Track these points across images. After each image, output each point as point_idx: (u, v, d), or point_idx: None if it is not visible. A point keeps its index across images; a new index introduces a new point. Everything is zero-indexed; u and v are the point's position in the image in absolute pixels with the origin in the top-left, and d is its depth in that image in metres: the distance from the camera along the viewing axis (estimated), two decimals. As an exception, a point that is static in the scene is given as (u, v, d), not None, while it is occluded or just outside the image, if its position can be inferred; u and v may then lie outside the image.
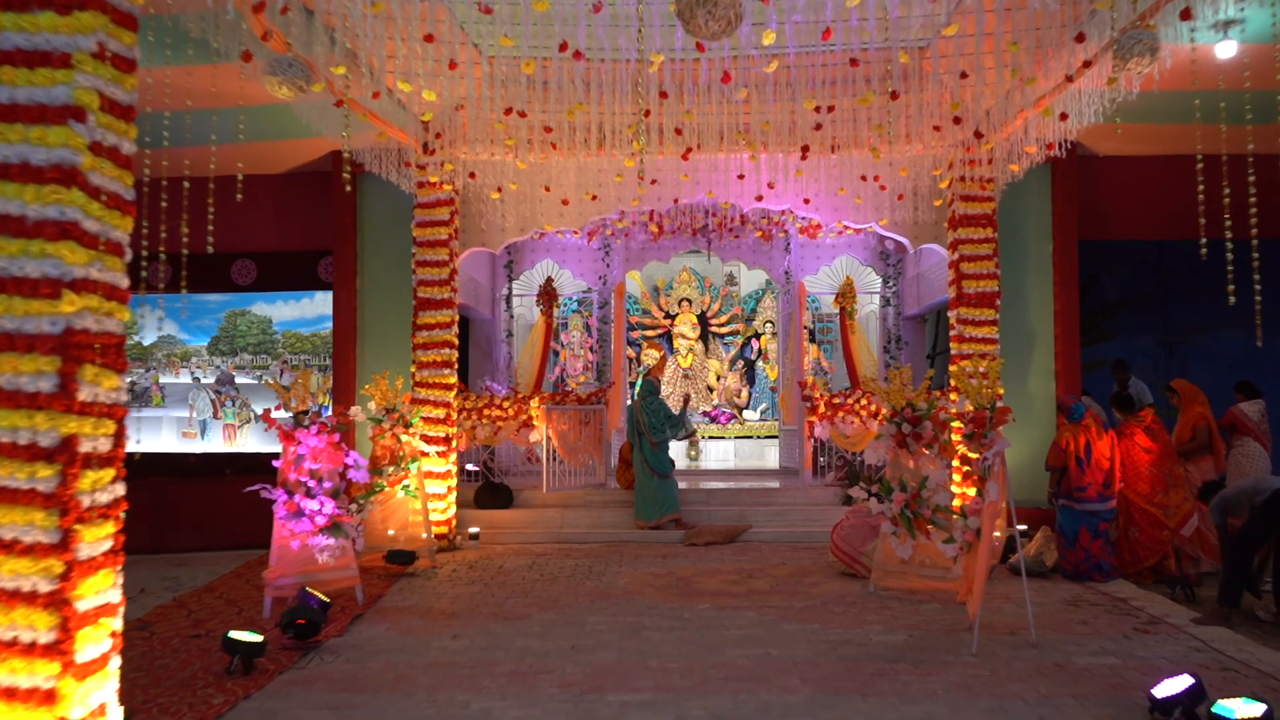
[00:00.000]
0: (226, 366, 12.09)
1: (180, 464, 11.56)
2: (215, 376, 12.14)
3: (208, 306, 11.99)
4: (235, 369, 12.03)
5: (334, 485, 7.15)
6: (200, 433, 11.98)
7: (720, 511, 10.16)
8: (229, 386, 12.16)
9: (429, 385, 9.60)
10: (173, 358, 12.18)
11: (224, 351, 12.07)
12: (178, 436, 11.94)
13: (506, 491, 10.35)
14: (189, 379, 11.99)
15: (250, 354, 12.00)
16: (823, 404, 10.26)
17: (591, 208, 10.47)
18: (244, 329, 12.05)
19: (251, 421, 11.91)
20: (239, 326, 12.08)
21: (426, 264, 9.66)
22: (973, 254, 9.54)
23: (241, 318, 12.04)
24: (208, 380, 12.08)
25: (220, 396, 12.18)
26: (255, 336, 12.07)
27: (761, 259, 13.25)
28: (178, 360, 12.16)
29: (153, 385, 12.10)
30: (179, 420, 12.12)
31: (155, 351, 12.11)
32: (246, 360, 12.03)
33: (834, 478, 10.73)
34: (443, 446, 9.55)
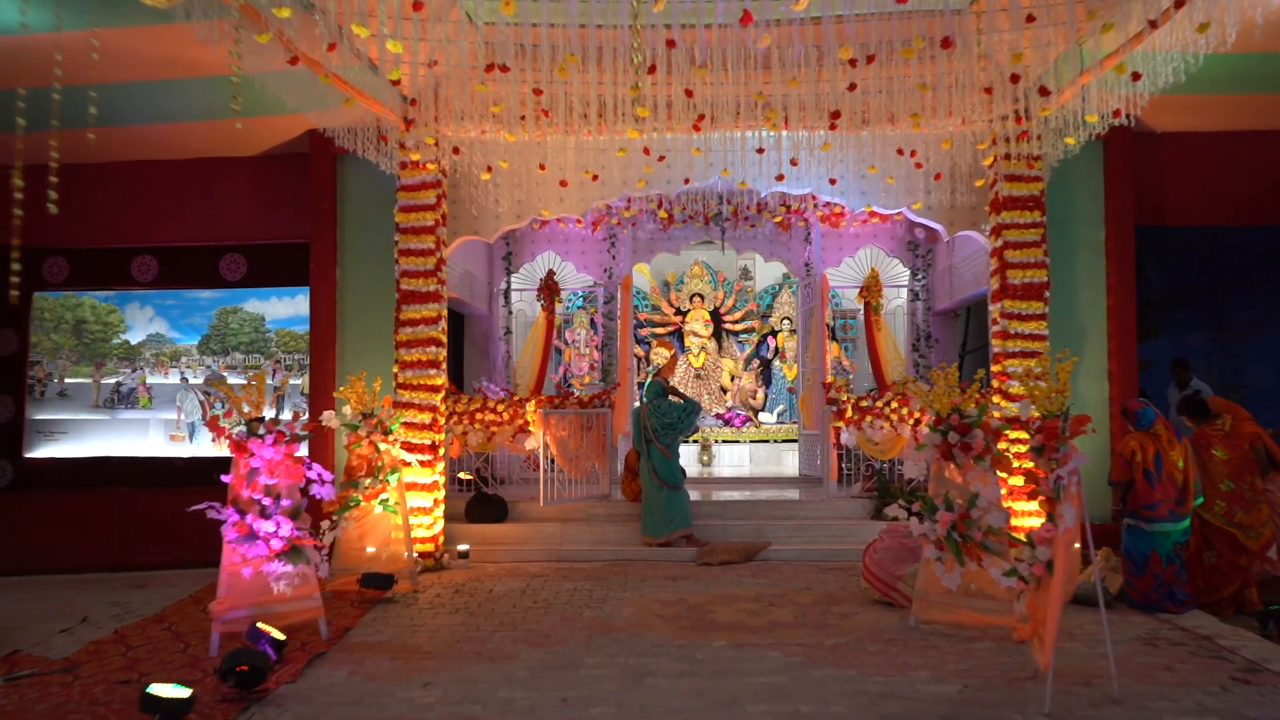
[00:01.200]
0: (218, 366, 11.44)
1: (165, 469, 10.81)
2: (204, 377, 11.46)
3: (198, 304, 11.33)
4: (227, 369, 11.36)
5: (293, 504, 6.22)
6: (189, 436, 11.27)
7: (736, 526, 9.20)
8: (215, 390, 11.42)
9: (413, 387, 8.67)
10: (161, 357, 11.49)
11: (215, 351, 11.42)
12: (165, 440, 11.23)
13: (500, 504, 9.41)
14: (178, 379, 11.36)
15: (242, 353, 11.35)
16: (850, 407, 9.27)
17: (594, 191, 9.52)
18: (235, 327, 11.39)
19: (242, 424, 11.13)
20: (230, 325, 11.43)
21: (410, 253, 8.72)
22: (1018, 240, 8.56)
23: (233, 315, 11.37)
24: (196, 381, 11.40)
25: (209, 398, 11.47)
26: (247, 335, 11.41)
27: (780, 250, 12.27)
28: (167, 360, 11.47)
29: (140, 386, 11.40)
30: (167, 423, 11.40)
31: (143, 351, 11.44)
32: (239, 360, 11.41)
33: (861, 488, 9.74)
34: (428, 455, 8.61)
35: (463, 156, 8.96)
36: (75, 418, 11.14)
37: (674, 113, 8.35)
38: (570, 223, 12.14)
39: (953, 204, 9.28)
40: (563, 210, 9.61)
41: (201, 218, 10.12)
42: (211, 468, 10.73)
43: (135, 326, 11.28)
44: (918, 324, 12.08)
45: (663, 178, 9.51)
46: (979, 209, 9.27)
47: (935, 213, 9.39)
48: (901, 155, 8.52)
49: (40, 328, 11.13)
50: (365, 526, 7.78)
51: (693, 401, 9.30)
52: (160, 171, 10.08)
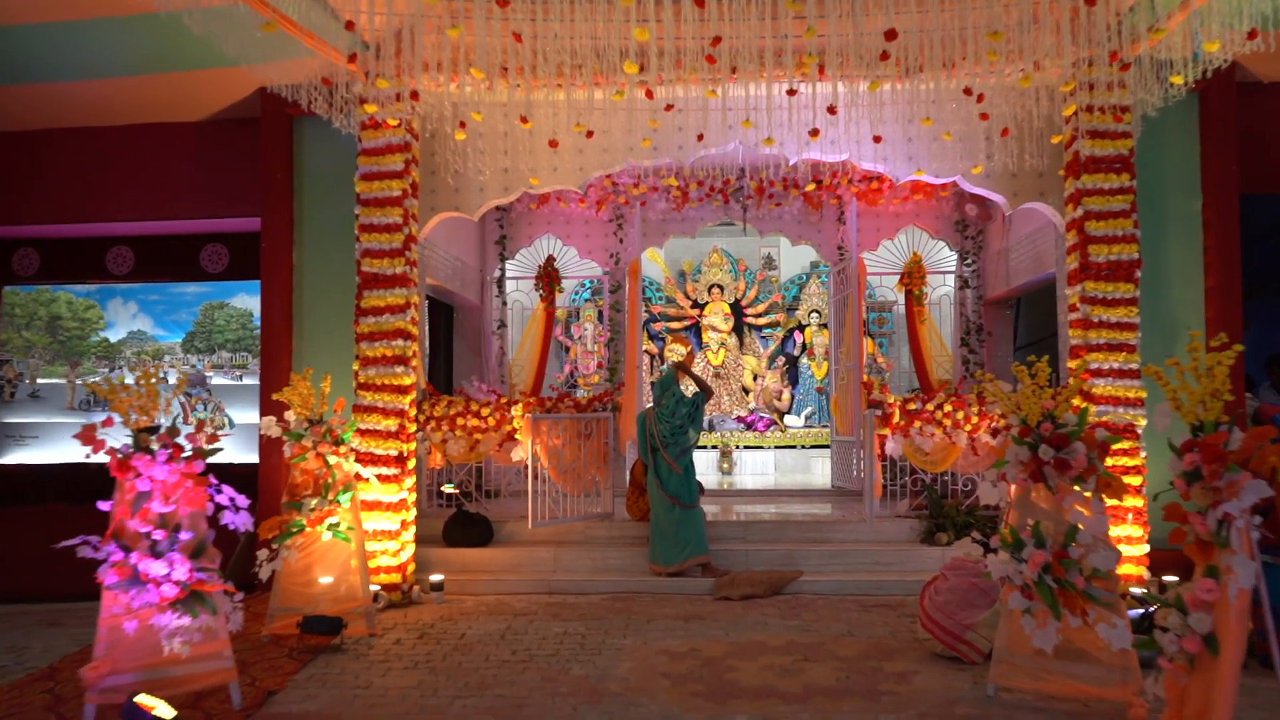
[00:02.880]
0: (204, 365, 10.49)
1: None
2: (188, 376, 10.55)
3: (183, 299, 10.44)
4: (213, 367, 10.44)
5: (195, 537, 4.86)
6: None
7: (760, 552, 7.77)
8: (200, 388, 10.54)
9: (376, 388, 7.31)
10: (143, 356, 10.55)
11: (200, 349, 10.51)
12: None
13: (484, 525, 8.03)
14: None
15: (229, 351, 10.44)
16: (898, 413, 7.81)
17: (593, 159, 8.15)
18: (222, 323, 10.47)
19: (227, 428, 10.06)
20: (216, 320, 10.51)
21: (373, 229, 7.36)
22: (1103, 209, 7.10)
23: (219, 310, 10.46)
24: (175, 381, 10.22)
25: (190, 399, 10.51)
26: (234, 332, 10.48)
27: (809, 232, 10.82)
28: (148, 359, 10.52)
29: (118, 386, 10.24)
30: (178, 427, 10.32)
31: (123, 349, 10.55)
32: (225, 358, 10.48)
33: (908, 506, 8.29)
34: (393, 468, 7.24)
35: (439, 117, 7.61)
36: (48, 421, 10.30)
37: (684, 61, 6.98)
38: (571, 202, 10.76)
39: (1017, 170, 7.84)
40: (556, 182, 8.22)
41: (133, 194, 8.77)
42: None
43: (116, 323, 10.46)
44: (967, 315, 10.61)
45: (673, 142, 8.13)
46: (1047, 176, 7.82)
47: (995, 181, 7.94)
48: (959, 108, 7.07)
49: (10, 324, 10.29)
50: (313, 556, 6.42)
51: (700, 393, 7.86)
52: (80, 141, 8.73)
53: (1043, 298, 10.40)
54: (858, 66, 6.75)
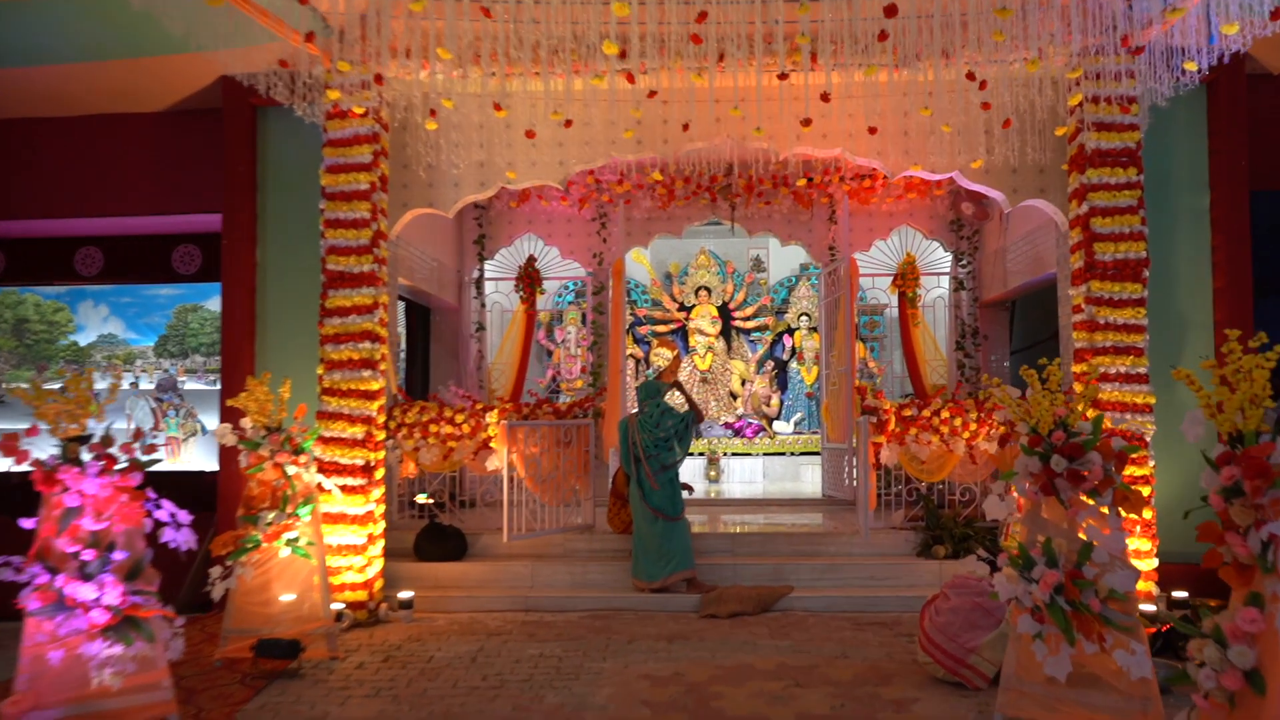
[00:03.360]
0: (176, 370, 10.12)
1: None
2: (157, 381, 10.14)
3: (156, 301, 10.07)
4: (186, 372, 10.08)
5: (131, 558, 4.45)
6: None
7: (749, 567, 7.37)
8: (171, 393, 10.19)
9: (341, 393, 6.89)
10: (114, 360, 10.19)
11: (173, 353, 10.16)
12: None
13: (457, 538, 7.61)
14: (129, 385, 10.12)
15: (203, 355, 10.09)
16: (894, 419, 7.43)
17: (573, 153, 7.77)
18: (196, 326, 10.11)
19: (199, 434, 9.68)
20: (190, 324, 10.15)
21: (339, 224, 6.95)
22: (1108, 205, 6.75)
23: (193, 313, 10.10)
24: (147, 386, 10.08)
25: (162, 405, 10.16)
26: (209, 335, 10.10)
27: (799, 231, 10.45)
28: (119, 363, 10.18)
29: None
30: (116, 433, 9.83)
31: (93, 352, 10.17)
32: (199, 363, 10.13)
33: (904, 517, 7.90)
34: (360, 479, 6.82)
35: (410, 107, 7.21)
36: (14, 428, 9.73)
37: (668, 48, 6.60)
38: (553, 200, 10.37)
39: (1016, 166, 7.49)
40: (535, 177, 7.83)
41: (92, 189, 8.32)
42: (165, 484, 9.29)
43: (87, 326, 10.09)
44: (962, 318, 10.25)
45: (658, 135, 7.75)
46: (1049, 171, 7.47)
47: (994, 177, 7.59)
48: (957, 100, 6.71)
49: (-26, 327, 9.91)
50: (270, 573, 5.99)
51: (691, 412, 7.46)
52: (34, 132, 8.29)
53: (1039, 300, 10.05)
54: (852, 54, 6.37)
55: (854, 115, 7.58)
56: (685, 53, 6.55)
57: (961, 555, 7.27)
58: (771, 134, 7.61)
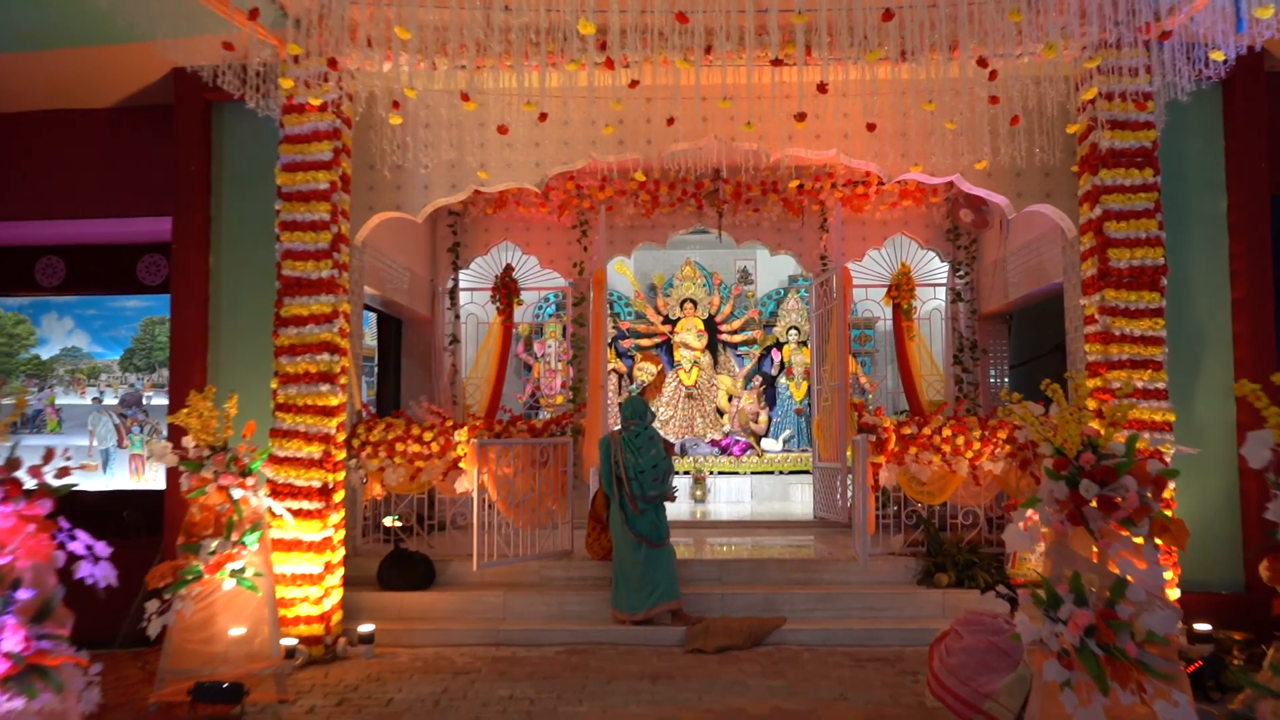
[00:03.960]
0: (143, 384, 9.80)
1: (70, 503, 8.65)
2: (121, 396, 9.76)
3: (123, 313, 9.71)
4: (153, 387, 9.73)
5: (39, 596, 3.91)
6: (102, 465, 9.55)
7: (738, 596, 6.86)
8: (135, 409, 9.82)
9: (297, 409, 6.35)
10: (78, 374, 9.83)
11: (139, 367, 9.83)
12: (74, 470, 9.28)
13: (424, 565, 7.06)
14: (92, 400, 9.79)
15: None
16: (894, 438, 6.95)
17: (551, 153, 7.31)
18: (163, 340, 9.62)
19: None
20: (158, 337, 9.76)
21: (296, 226, 6.44)
22: (1123, 208, 6.31)
23: (160, 326, 9.68)
24: (111, 401, 9.71)
25: (126, 421, 9.82)
26: None
27: (789, 240, 9.98)
28: (83, 377, 9.84)
29: (48, 408, 9.71)
30: (79, 450, 9.63)
31: (56, 366, 9.80)
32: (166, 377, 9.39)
33: (904, 543, 7.41)
34: (317, 502, 6.27)
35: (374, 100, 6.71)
36: None
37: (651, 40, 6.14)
38: (531, 206, 9.88)
39: (1021, 169, 7.06)
40: (510, 179, 7.35)
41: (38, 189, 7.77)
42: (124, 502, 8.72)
43: (50, 339, 9.71)
44: (960, 331, 9.79)
45: (641, 135, 7.31)
46: (1055, 175, 7.06)
47: (997, 181, 7.17)
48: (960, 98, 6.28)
49: (-71, 340, 9.56)
50: (213, 607, 5.45)
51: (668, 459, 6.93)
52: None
53: (1039, 312, 9.61)
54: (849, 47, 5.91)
55: (849, 114, 7.16)
56: (670, 44, 6.09)
57: (966, 583, 6.79)
58: (762, 133, 7.17)
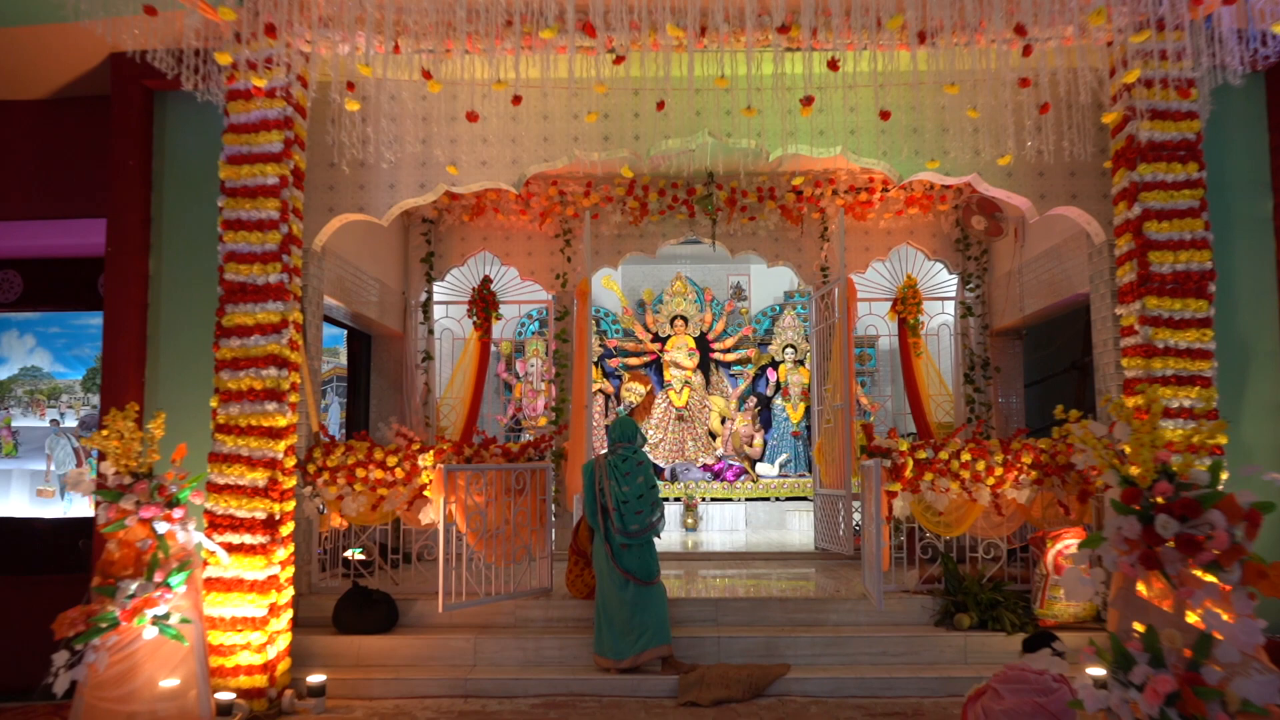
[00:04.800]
0: None
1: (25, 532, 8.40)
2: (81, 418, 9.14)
3: (87, 331, 9.08)
4: None
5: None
6: (60, 491, 8.97)
7: (736, 640, 6.14)
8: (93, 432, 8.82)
9: (240, 430, 5.62)
10: (37, 395, 9.23)
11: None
12: (30, 496, 8.97)
13: (385, 606, 6.32)
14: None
15: None
16: (911, 464, 6.25)
17: (530, 149, 6.70)
18: None
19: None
20: None
21: (240, 225, 5.74)
22: (1165, 207, 5.67)
23: None
24: (71, 423, 9.12)
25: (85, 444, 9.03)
26: None
27: (787, 251, 9.32)
28: (43, 399, 9.24)
29: (3, 430, 9.15)
30: (35, 474, 9.12)
31: (14, 387, 9.23)
32: None
33: (919, 579, 6.70)
34: (260, 536, 5.53)
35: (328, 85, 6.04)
36: None
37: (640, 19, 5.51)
38: (511, 213, 9.21)
39: (1043, 168, 6.46)
40: (485, 178, 6.70)
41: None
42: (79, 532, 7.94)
43: (9, 359, 9.14)
44: (970, 347, 9.13)
45: (628, 130, 6.70)
46: (1081, 174, 6.47)
47: (1018, 181, 6.56)
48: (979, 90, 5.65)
49: (-119, 357, 8.94)
50: (134, 659, 4.72)
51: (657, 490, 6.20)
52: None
53: (1051, 328, 8.98)
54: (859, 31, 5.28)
55: (857, 108, 6.56)
56: (660, 25, 5.46)
57: (989, 625, 6.09)
58: (761, 128, 6.56)
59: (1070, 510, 6.43)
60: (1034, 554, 6.33)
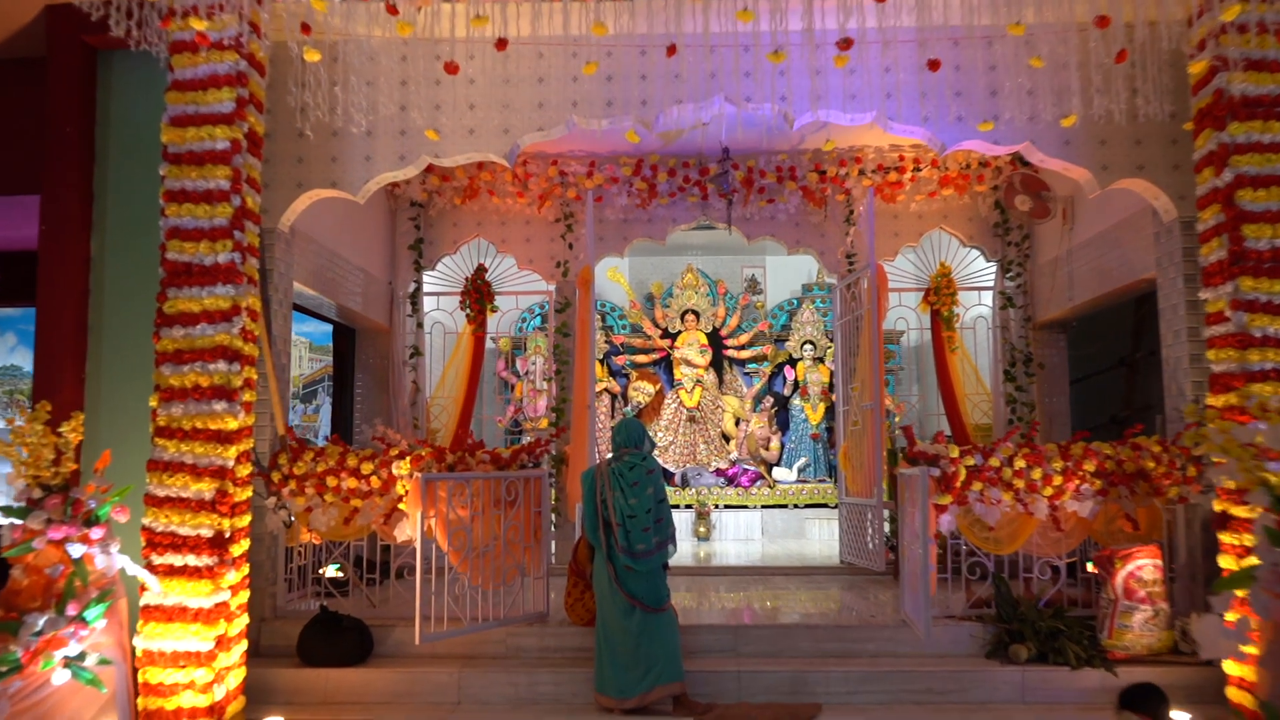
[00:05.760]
0: None
1: None
2: None
3: None
4: None
5: None
6: None
7: (758, 676, 5.34)
8: None
9: (183, 434, 4.84)
10: (17, 395, 8.79)
11: None
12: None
13: (357, 632, 5.54)
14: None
15: None
16: (964, 473, 5.43)
17: (523, 116, 5.95)
18: None
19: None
20: None
21: (185, 196, 4.97)
22: (1261, 172, 4.87)
23: None
24: None
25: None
26: None
27: (809, 237, 8.53)
28: (22, 398, 8.72)
29: None
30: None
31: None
32: None
33: (966, 602, 5.88)
34: (207, 557, 4.76)
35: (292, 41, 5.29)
36: None
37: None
38: (507, 196, 8.43)
39: (1104, 137, 5.68)
40: (473, 147, 5.94)
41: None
42: None
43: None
44: (1012, 342, 8.31)
45: (634, 94, 5.92)
46: (1150, 143, 5.70)
47: (1078, 150, 5.77)
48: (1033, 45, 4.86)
49: None
50: (44, 708, 3.95)
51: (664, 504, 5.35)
52: None
53: (1095, 321, 8.16)
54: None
55: (894, 68, 5.78)
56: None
57: (1050, 658, 5.28)
58: (784, 90, 5.78)
59: (1139, 525, 5.63)
60: (1099, 575, 5.52)
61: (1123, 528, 5.66)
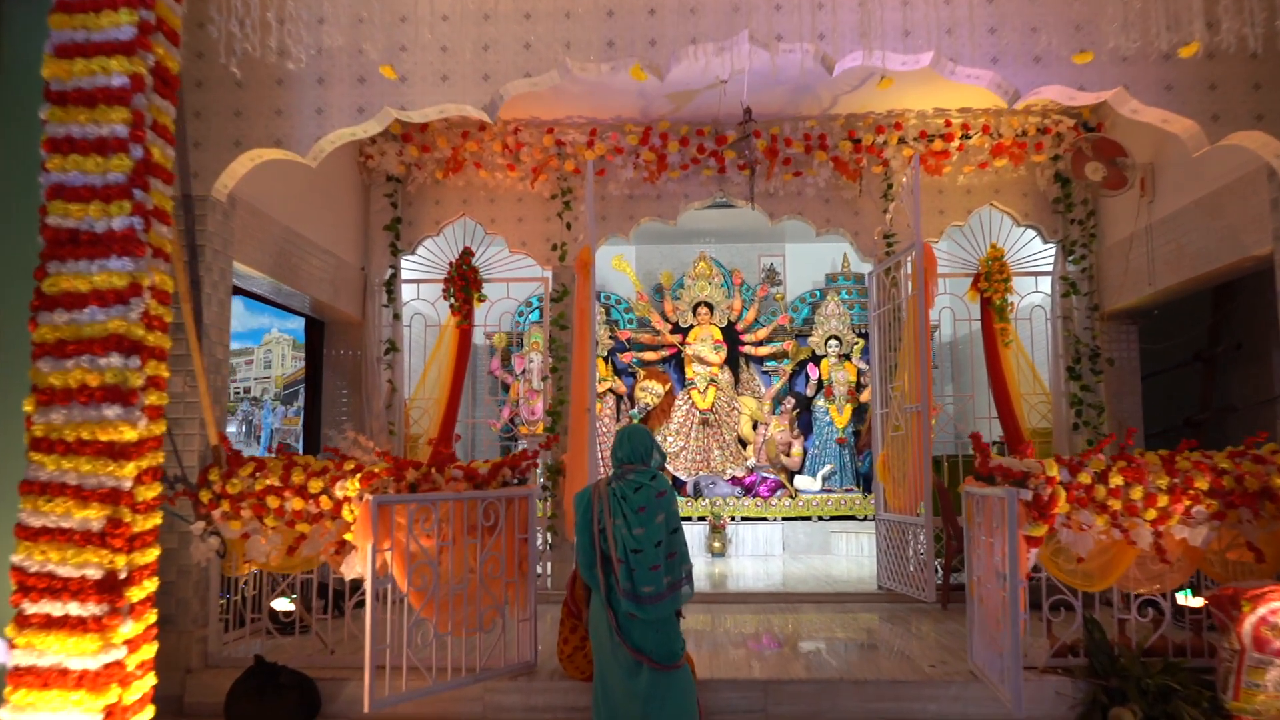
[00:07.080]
0: None
1: None
2: None
3: None
4: None
5: None
6: None
7: (796, 744, 4.29)
8: None
9: (67, 447, 3.79)
10: None
11: None
12: None
13: (299, 690, 4.49)
14: None
15: None
16: (1061, 497, 4.35)
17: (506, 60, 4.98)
18: None
19: None
20: None
21: (73, 146, 3.91)
22: None
23: None
24: None
25: None
26: None
27: (840, 215, 7.45)
28: None
29: None
30: None
31: None
32: None
33: (1049, 650, 4.79)
34: (93, 604, 3.71)
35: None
36: None
37: None
38: (497, 168, 7.38)
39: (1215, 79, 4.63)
40: (446, 97, 4.93)
41: None
42: None
43: None
44: (1075, 334, 7.22)
45: (641, 33, 4.93)
46: (1270, 88, 4.63)
47: (1181, 97, 4.72)
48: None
49: None
50: None
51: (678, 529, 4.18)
52: None
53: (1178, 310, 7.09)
54: None
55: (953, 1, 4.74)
56: None
57: (1165, 727, 4.22)
58: (827, 29, 4.75)
59: (1263, 555, 4.56)
60: (1219, 619, 4.45)
61: (1243, 559, 4.61)
